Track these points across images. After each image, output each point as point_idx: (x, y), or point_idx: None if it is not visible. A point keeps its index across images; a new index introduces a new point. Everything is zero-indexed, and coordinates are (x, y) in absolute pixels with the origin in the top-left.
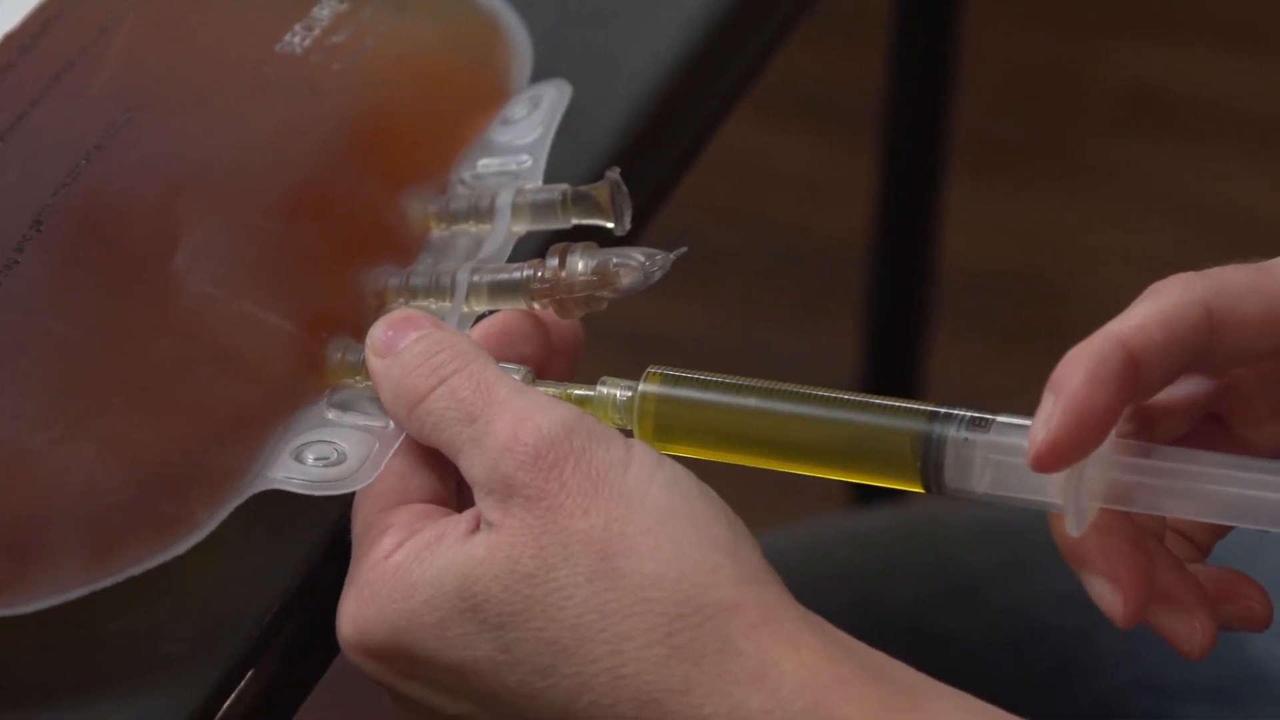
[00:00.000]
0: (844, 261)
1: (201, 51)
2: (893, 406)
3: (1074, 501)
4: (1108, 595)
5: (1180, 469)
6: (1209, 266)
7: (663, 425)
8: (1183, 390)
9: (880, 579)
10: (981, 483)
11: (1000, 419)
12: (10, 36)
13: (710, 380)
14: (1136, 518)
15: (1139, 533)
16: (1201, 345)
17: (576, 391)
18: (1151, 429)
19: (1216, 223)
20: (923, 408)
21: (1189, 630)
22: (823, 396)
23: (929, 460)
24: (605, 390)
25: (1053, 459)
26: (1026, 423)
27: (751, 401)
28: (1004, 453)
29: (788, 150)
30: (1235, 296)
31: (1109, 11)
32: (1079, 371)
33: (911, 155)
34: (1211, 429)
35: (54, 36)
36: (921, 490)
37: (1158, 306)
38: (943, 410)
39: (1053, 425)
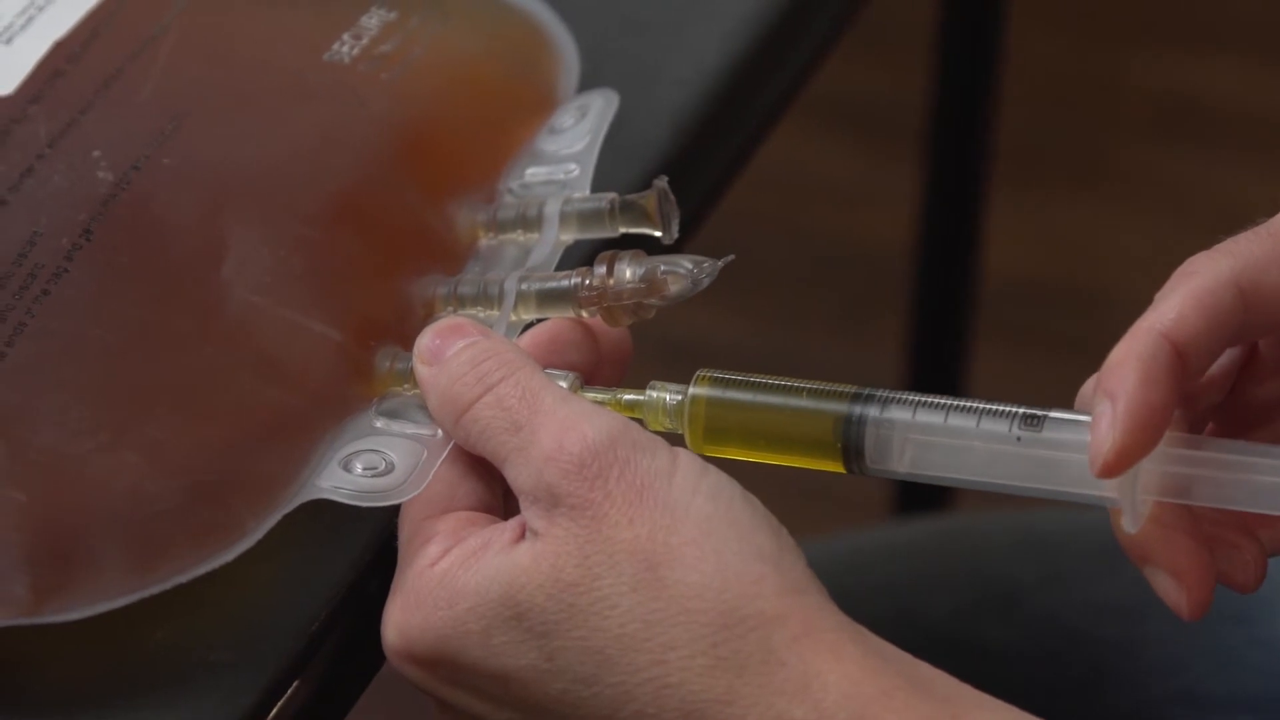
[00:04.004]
0: (885, 270)
1: (250, 60)
2: (817, 390)
3: (1130, 498)
4: (1172, 590)
5: (1236, 460)
6: None
7: (713, 428)
8: (1215, 365)
9: (919, 589)
10: (902, 463)
11: (1054, 414)
12: (60, 44)
13: (760, 382)
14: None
15: (1197, 524)
16: (1238, 324)
17: (626, 396)
18: (1190, 405)
19: None
20: (845, 390)
21: (1242, 563)
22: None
23: (849, 441)
24: (655, 394)
25: (1121, 465)
26: (1058, 415)
27: (802, 403)
28: (923, 432)
29: (829, 159)
30: (1260, 270)
31: (1144, 22)
32: (1132, 373)
33: (954, 164)
34: None
35: (103, 44)
36: (843, 471)
37: (1192, 293)
38: (865, 391)
39: (1118, 432)
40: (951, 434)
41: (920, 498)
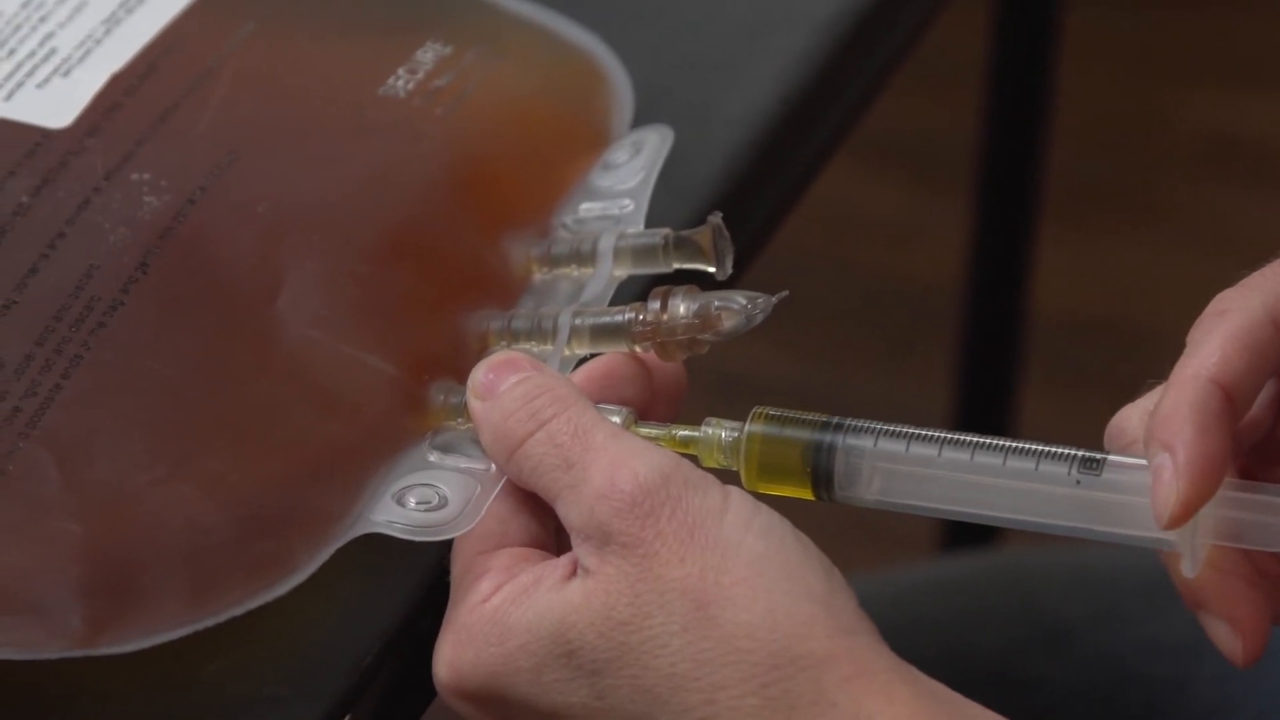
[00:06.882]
0: (932, 307)
1: (305, 94)
2: (794, 419)
3: (1190, 543)
4: (1227, 638)
5: None
6: None
7: (768, 465)
8: (1257, 401)
9: (969, 625)
10: (870, 490)
11: (1112, 458)
12: (118, 77)
13: (815, 420)
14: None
15: (1253, 568)
16: (1277, 358)
17: (681, 432)
18: (1236, 444)
19: None
20: (816, 418)
21: None
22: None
23: (819, 468)
24: (710, 430)
25: (1186, 516)
26: (1129, 461)
27: (859, 441)
28: (892, 460)
29: (879, 195)
30: None
31: (1195, 60)
32: (1187, 424)
33: (1003, 201)
34: None
35: (160, 77)
36: (813, 498)
37: (1232, 333)
38: (835, 420)
39: (1182, 483)
40: (1011, 475)
41: (968, 534)
